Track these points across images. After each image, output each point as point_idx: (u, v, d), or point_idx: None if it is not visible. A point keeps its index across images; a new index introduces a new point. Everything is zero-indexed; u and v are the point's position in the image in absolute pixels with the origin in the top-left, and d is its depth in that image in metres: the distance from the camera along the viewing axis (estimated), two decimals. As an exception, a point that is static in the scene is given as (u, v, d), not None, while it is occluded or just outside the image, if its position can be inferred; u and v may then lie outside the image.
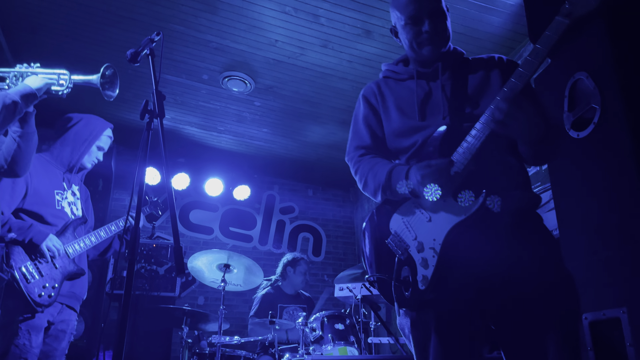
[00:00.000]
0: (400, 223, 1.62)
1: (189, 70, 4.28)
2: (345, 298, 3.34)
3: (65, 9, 3.61)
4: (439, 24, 1.68)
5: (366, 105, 1.82)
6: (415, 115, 1.68)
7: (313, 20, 3.62)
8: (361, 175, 1.75)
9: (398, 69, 1.81)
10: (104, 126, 2.83)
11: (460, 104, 1.63)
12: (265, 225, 6.33)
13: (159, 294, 4.70)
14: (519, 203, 1.52)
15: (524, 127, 1.43)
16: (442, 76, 1.70)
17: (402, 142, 1.70)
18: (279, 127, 5.24)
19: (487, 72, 1.69)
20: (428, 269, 1.47)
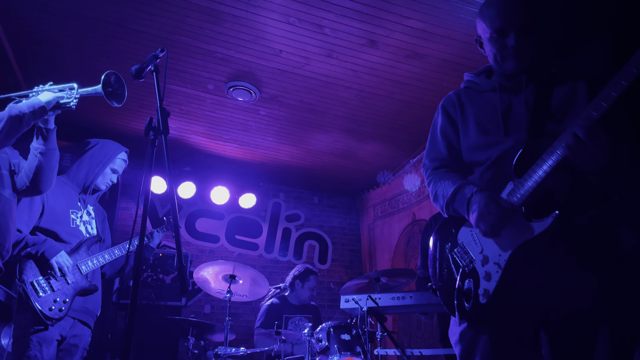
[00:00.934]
0: (468, 235, 1.61)
1: (195, 80, 4.30)
2: (352, 310, 3.32)
3: (71, 21, 3.64)
4: (525, 38, 1.61)
5: (444, 117, 1.80)
6: (494, 130, 1.64)
7: (317, 31, 3.62)
8: (432, 189, 1.75)
9: (480, 80, 1.77)
10: (118, 150, 2.94)
11: (541, 119, 1.58)
12: (271, 233, 6.33)
13: (166, 303, 4.70)
14: (592, 220, 1.47)
15: (593, 159, 1.38)
16: (526, 90, 1.65)
17: (477, 155, 1.67)
18: (284, 136, 5.24)
19: (574, 85, 1.62)
20: (490, 283, 1.47)
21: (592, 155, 1.36)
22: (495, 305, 1.46)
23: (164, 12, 3.50)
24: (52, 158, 2.26)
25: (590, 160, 1.38)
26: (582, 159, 1.38)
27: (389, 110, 4.57)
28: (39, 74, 4.32)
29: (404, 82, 4.15)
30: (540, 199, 1.46)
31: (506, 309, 1.47)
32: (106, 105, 5.04)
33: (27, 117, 2.02)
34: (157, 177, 5.33)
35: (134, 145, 5.21)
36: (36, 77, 4.37)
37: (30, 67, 4.24)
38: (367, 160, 5.69)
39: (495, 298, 1.46)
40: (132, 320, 1.56)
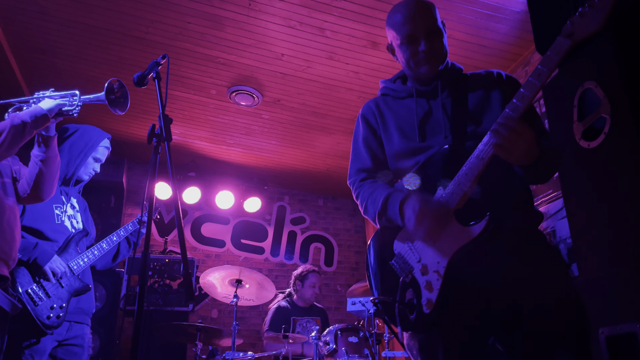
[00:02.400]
0: (404, 245, 1.60)
1: (197, 85, 4.31)
2: (358, 312, 3.32)
3: (73, 29, 3.66)
4: (436, 42, 1.64)
5: (365, 127, 1.79)
6: (416, 136, 1.65)
7: (318, 33, 3.62)
8: (361, 201, 1.73)
9: (396, 86, 1.78)
10: (100, 136, 2.76)
11: (461, 122, 1.60)
12: (277, 237, 6.34)
13: (173, 309, 4.70)
14: (522, 223, 1.51)
15: (522, 154, 1.40)
16: (442, 94, 1.68)
17: (403, 163, 1.67)
18: (287, 139, 5.25)
19: (487, 90, 1.65)
20: (432, 293, 1.46)
21: (522, 150, 1.39)
22: (439, 313, 1.45)
23: (165, 18, 3.51)
24: (53, 165, 2.20)
25: (521, 155, 1.41)
26: (512, 156, 1.40)
27: (392, 111, 4.56)
28: (42, 82, 4.34)
29: (406, 82, 4.14)
30: (471, 202, 1.46)
31: (452, 313, 1.46)
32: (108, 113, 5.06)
33: (30, 127, 1.99)
34: (162, 183, 5.34)
35: (137, 152, 5.25)
36: (39, 85, 4.39)
37: (34, 76, 4.26)
38: (371, 162, 5.67)
39: (438, 307, 1.44)
40: (139, 325, 1.56)
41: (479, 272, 1.46)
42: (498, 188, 1.51)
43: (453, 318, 1.47)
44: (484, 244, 1.42)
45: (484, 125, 1.54)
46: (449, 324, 1.47)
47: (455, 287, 1.45)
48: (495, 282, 1.46)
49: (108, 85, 2.11)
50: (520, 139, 1.38)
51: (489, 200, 1.47)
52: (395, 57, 1.78)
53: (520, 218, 1.51)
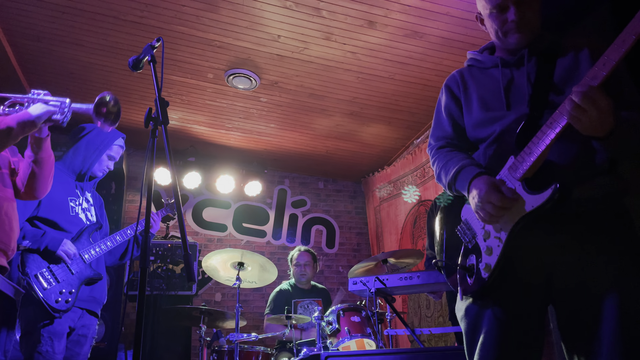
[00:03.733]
0: (471, 211, 1.61)
1: (194, 70, 4.29)
2: (360, 292, 3.34)
3: (68, 16, 3.63)
4: (528, 11, 1.59)
5: (448, 95, 1.79)
6: (497, 105, 1.63)
7: (314, 14, 3.59)
8: (436, 169, 1.75)
9: (482, 57, 1.76)
10: (115, 136, 2.86)
11: (543, 91, 1.56)
12: (278, 220, 6.36)
13: (177, 293, 4.75)
14: (598, 190, 1.44)
15: (593, 124, 1.33)
16: (528, 63, 1.63)
17: (480, 132, 1.66)
18: (286, 122, 5.24)
19: (577, 55, 1.59)
20: (492, 257, 1.47)
21: (593, 120, 1.32)
22: (497, 279, 1.46)
23: (159, 2, 3.48)
24: (46, 165, 2.18)
25: (593, 126, 1.34)
26: (583, 125, 1.35)
27: (390, 91, 4.54)
28: (38, 69, 4.33)
29: (404, 62, 4.11)
30: (542, 171, 1.44)
31: (509, 282, 1.47)
32: (107, 99, 5.00)
33: (15, 132, 1.94)
34: (162, 169, 5.35)
35: (137, 138, 5.24)
36: (35, 72, 4.39)
37: (30, 63, 4.24)
38: (371, 143, 5.67)
39: (496, 272, 1.45)
40: (141, 309, 1.58)
41: (541, 243, 1.44)
42: (572, 155, 1.46)
43: (507, 286, 1.47)
44: (550, 215, 1.40)
45: (566, 94, 1.47)
46: (502, 291, 1.47)
47: (515, 255, 1.45)
48: (559, 258, 1.44)
49: (99, 100, 2.06)
50: (592, 107, 1.30)
51: (560, 170, 1.44)
52: (483, 26, 1.74)
53: (596, 185, 1.44)
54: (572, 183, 1.39)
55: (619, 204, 1.49)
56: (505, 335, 1.47)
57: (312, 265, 4.64)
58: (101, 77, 4.42)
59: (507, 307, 1.48)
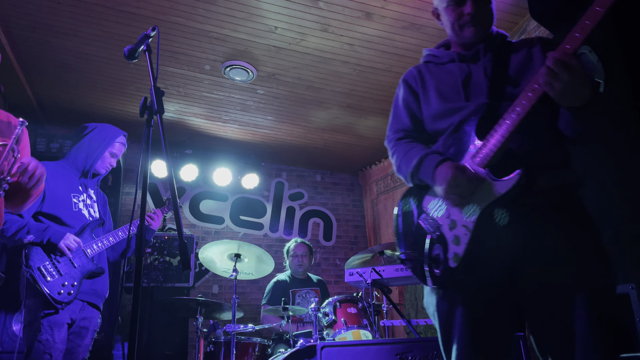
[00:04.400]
0: (434, 202, 1.61)
1: (191, 61, 4.27)
2: (356, 283, 3.35)
3: (64, 6, 3.61)
4: (482, 5, 1.65)
5: (406, 89, 1.81)
6: (455, 98, 1.65)
7: (312, 5, 3.58)
8: (396, 160, 1.75)
9: (439, 52, 1.79)
10: (116, 133, 2.93)
11: (501, 84, 1.59)
12: (276, 213, 6.37)
13: (173, 285, 4.76)
14: (556, 182, 1.48)
15: (571, 88, 1.32)
16: (484, 58, 1.67)
17: (439, 124, 1.68)
18: (283, 114, 5.23)
19: (529, 50, 1.64)
20: (460, 246, 1.47)
21: (567, 85, 1.32)
22: (465, 267, 1.46)
23: (155, -8, 3.46)
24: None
25: (567, 92, 1.33)
26: (557, 91, 1.33)
27: (388, 83, 4.53)
28: (33, 59, 4.31)
29: (401, 54, 4.11)
30: (504, 160, 1.46)
31: (478, 272, 1.47)
32: (103, 90, 5.02)
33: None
34: (159, 161, 5.34)
35: (134, 130, 5.21)
36: (31, 63, 4.36)
37: (25, 53, 4.22)
38: (368, 136, 5.67)
39: (465, 260, 1.45)
40: (137, 300, 1.58)
41: (507, 230, 1.45)
42: (534, 145, 1.49)
43: (476, 275, 1.47)
44: (514, 202, 1.41)
45: (522, 87, 1.51)
46: (471, 282, 1.48)
47: (483, 243, 1.45)
48: (524, 242, 1.45)
49: None
50: (565, 72, 1.30)
51: (523, 157, 1.45)
52: (440, 22, 1.78)
53: (554, 177, 1.48)
54: (535, 171, 1.41)
55: (576, 195, 1.54)
56: (478, 330, 1.47)
57: (309, 257, 4.65)
58: (97, 68, 4.40)
59: (477, 301, 1.48)
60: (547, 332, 1.43)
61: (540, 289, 1.44)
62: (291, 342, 3.62)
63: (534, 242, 1.45)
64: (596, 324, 1.33)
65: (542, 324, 1.45)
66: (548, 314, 1.42)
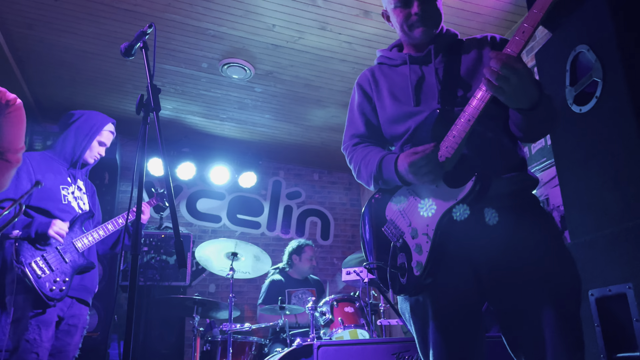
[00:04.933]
0: (395, 210, 1.61)
1: (188, 59, 4.26)
2: (354, 282, 3.34)
3: (61, 3, 3.59)
4: (429, 5, 1.64)
5: (360, 94, 1.80)
6: (409, 101, 1.65)
7: (310, 3, 3.56)
8: (355, 165, 1.74)
9: (392, 54, 1.78)
10: (104, 121, 2.83)
11: (452, 87, 1.59)
12: (273, 211, 6.35)
13: (170, 283, 4.74)
14: (513, 185, 1.50)
15: (519, 90, 1.33)
16: (435, 59, 1.67)
17: (396, 128, 1.68)
18: (281, 113, 5.21)
19: (480, 52, 1.65)
20: (422, 255, 1.47)
21: (515, 87, 1.31)
22: (429, 275, 1.46)
23: (153, -11, 3.45)
24: None
25: (516, 94, 1.33)
26: (506, 94, 1.33)
27: (386, 82, 4.52)
28: (30, 57, 4.28)
29: (399, 53, 4.09)
30: (459, 165, 1.46)
31: (444, 277, 1.47)
32: (100, 88, 5.00)
33: None
34: (156, 159, 5.32)
35: (132, 128, 5.20)
36: (28, 60, 4.34)
37: (21, 51, 4.20)
38: (366, 135, 5.65)
39: (428, 269, 1.45)
40: (132, 299, 1.57)
41: (468, 235, 1.46)
42: (487, 150, 1.50)
43: (443, 280, 1.47)
44: (472, 207, 1.42)
45: (474, 90, 1.51)
46: (438, 286, 1.48)
47: (445, 250, 1.46)
48: (486, 243, 1.46)
49: None
50: (513, 74, 1.30)
51: (477, 163, 1.46)
52: (390, 23, 1.77)
53: (511, 181, 1.50)
54: (489, 176, 1.41)
55: (533, 197, 1.56)
56: (452, 325, 1.47)
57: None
58: (94, 65, 4.38)
59: (448, 306, 1.48)
60: (517, 333, 1.44)
61: (506, 291, 1.45)
62: (288, 341, 3.61)
63: (496, 245, 1.46)
64: (563, 323, 1.34)
65: (511, 326, 1.46)
66: (516, 315, 1.43)
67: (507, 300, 1.46)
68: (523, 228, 1.47)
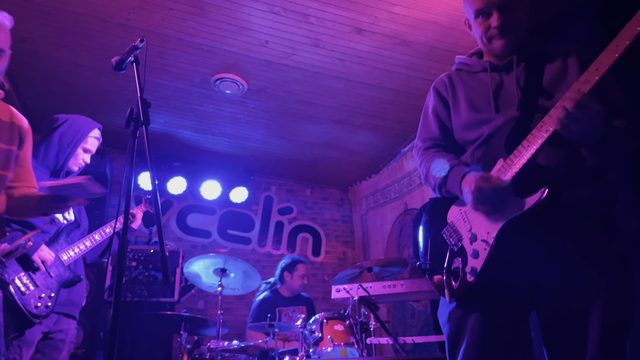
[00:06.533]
0: (457, 214, 1.60)
1: (181, 73, 4.26)
2: (343, 299, 3.31)
3: (54, 17, 3.58)
4: (510, 16, 1.60)
5: (436, 97, 1.79)
6: (485, 108, 1.63)
7: (303, 20, 3.59)
8: (424, 169, 1.73)
9: (471, 61, 1.76)
10: (90, 126, 2.72)
11: (533, 95, 1.56)
12: (264, 227, 6.31)
13: (158, 299, 4.66)
14: (583, 197, 1.45)
15: (583, 131, 1.34)
16: (517, 68, 1.64)
17: (469, 134, 1.66)
18: (273, 128, 5.21)
19: (565, 61, 1.61)
20: (478, 260, 1.45)
21: (584, 127, 1.34)
22: (483, 282, 1.44)
23: (146, 4, 3.45)
24: None
25: (583, 133, 1.36)
26: (573, 133, 1.36)
27: (378, 99, 4.54)
28: (23, 70, 4.26)
29: (392, 70, 4.12)
30: (530, 174, 1.44)
31: (495, 286, 1.46)
32: (92, 101, 4.97)
33: None
34: (146, 173, 5.29)
35: (122, 142, 5.18)
36: (20, 73, 4.32)
37: (14, 64, 4.14)
38: (358, 151, 5.67)
39: (482, 275, 1.44)
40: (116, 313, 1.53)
41: (529, 249, 1.43)
42: (562, 160, 1.47)
43: (493, 291, 1.45)
44: (537, 220, 1.39)
45: (556, 99, 1.49)
46: (488, 295, 1.46)
47: (501, 259, 1.43)
48: (544, 262, 1.43)
49: None
50: (583, 115, 1.31)
51: (550, 172, 1.43)
52: (471, 32, 1.76)
53: (583, 192, 1.45)
54: (560, 187, 1.39)
55: (605, 211, 1.50)
56: (488, 341, 1.45)
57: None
58: (87, 79, 4.36)
59: (492, 312, 1.47)
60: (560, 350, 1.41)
61: (557, 307, 1.42)
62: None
63: (554, 260, 1.43)
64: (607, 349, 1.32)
65: (555, 343, 1.43)
66: (562, 333, 1.41)
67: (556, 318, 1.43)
68: (586, 246, 1.42)
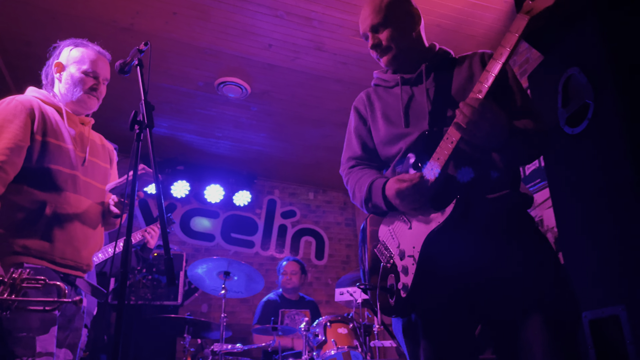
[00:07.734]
0: (386, 232, 1.62)
1: (184, 77, 4.28)
2: (347, 302, 3.31)
3: (57, 22, 3.61)
4: (382, 35, 1.67)
5: (356, 116, 1.82)
6: (400, 123, 1.65)
7: (306, 23, 3.60)
8: (350, 188, 1.76)
9: (387, 76, 1.80)
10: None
11: (442, 107, 1.59)
12: (267, 231, 6.32)
13: (162, 303, 4.67)
14: (500, 204, 1.47)
15: (485, 134, 1.37)
16: (427, 80, 1.67)
17: (389, 150, 1.69)
18: (276, 132, 5.22)
19: (471, 69, 1.65)
20: (408, 277, 1.47)
21: (487, 130, 1.36)
22: (416, 297, 1.45)
23: (150, 8, 3.48)
24: None
25: (486, 137, 1.38)
26: (478, 138, 1.39)
27: (381, 102, 4.55)
28: (27, 74, 4.29)
29: (394, 73, 4.12)
30: (445, 186, 1.46)
31: (433, 299, 1.47)
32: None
33: None
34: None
35: (126, 145, 5.21)
36: (24, 77, 4.34)
37: (18, 68, 4.21)
38: (361, 154, 5.66)
39: (414, 291, 1.45)
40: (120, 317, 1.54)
41: (455, 256, 1.45)
42: (473, 170, 1.49)
43: (431, 301, 1.47)
44: (457, 228, 1.41)
45: None
46: (427, 307, 1.48)
47: (431, 271, 1.45)
48: (472, 265, 1.45)
49: None
50: (482, 120, 1.35)
51: (462, 184, 1.46)
52: None
53: (499, 200, 1.48)
54: (473, 196, 1.41)
55: (527, 216, 1.54)
56: (443, 345, 1.46)
57: (300, 275, 4.61)
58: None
59: (436, 320, 1.48)
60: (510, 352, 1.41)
61: (497, 300, 1.43)
62: (280, 363, 3.56)
63: (487, 258, 1.45)
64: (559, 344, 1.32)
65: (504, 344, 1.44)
66: (509, 331, 1.41)
67: (498, 312, 1.44)
68: (515, 247, 1.45)
